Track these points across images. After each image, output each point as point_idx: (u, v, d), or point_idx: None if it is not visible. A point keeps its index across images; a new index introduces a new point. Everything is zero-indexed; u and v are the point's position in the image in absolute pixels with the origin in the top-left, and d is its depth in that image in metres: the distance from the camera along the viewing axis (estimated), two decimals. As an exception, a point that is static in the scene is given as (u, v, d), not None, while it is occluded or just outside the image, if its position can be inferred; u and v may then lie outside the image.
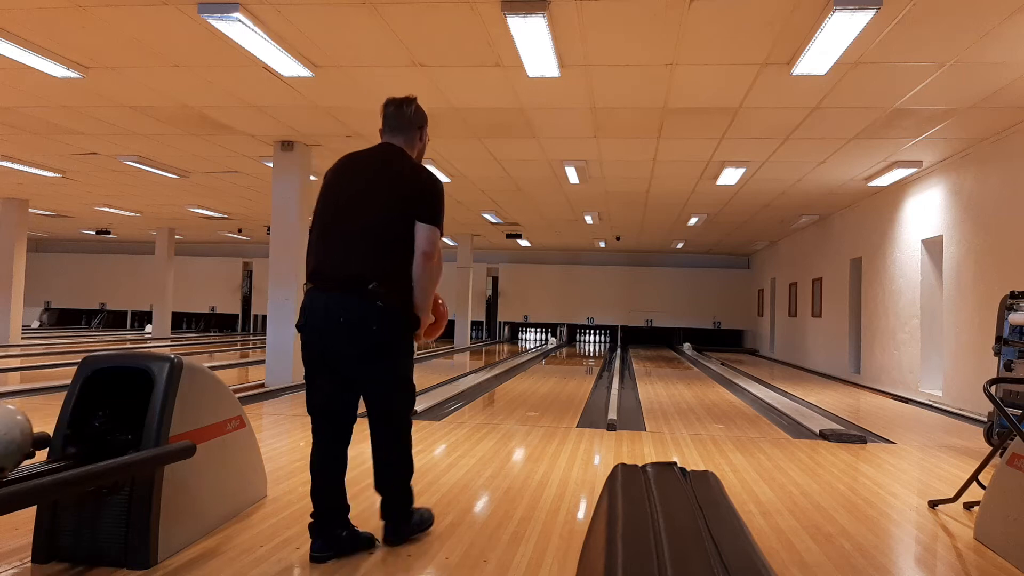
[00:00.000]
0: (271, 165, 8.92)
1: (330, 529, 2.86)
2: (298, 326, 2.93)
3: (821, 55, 5.18)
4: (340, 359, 2.87)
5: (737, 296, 21.52)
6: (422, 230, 2.89)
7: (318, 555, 2.80)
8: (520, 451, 5.11)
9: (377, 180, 2.96)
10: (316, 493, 2.90)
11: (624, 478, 3.50)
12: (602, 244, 19.03)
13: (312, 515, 2.88)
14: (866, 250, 11.35)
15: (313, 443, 2.97)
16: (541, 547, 3.02)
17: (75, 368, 2.88)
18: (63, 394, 2.86)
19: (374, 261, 2.85)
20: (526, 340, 22.37)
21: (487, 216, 14.40)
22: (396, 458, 2.99)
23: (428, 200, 2.94)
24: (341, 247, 2.89)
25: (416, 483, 3.95)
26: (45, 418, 5.88)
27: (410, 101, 3.15)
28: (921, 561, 3.13)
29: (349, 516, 2.93)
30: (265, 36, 5.12)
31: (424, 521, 3.19)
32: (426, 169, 3.06)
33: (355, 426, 2.97)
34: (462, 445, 5.21)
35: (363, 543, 2.93)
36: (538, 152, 8.69)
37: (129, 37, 5.36)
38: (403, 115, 3.12)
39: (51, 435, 2.74)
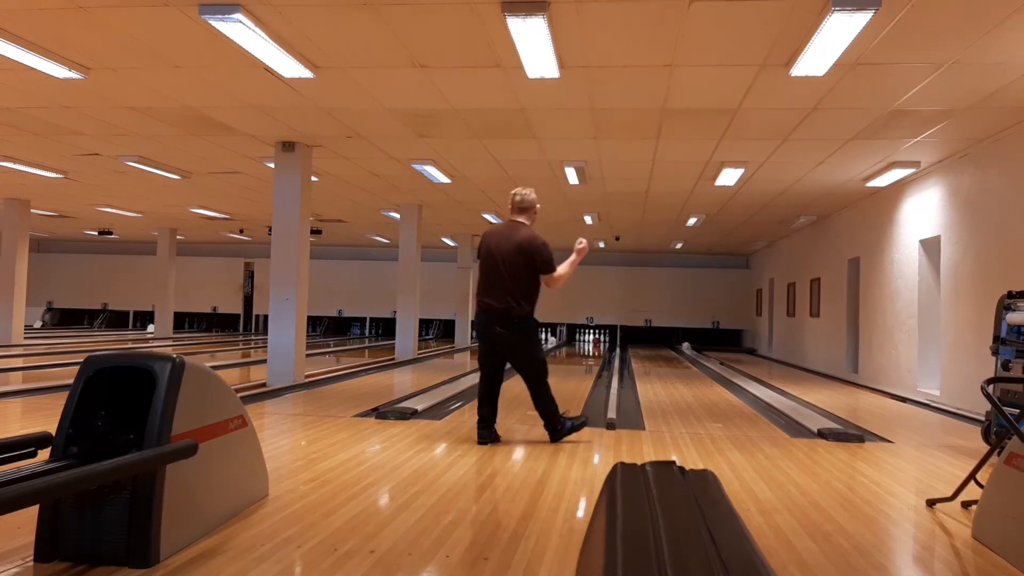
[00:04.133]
0: (272, 166, 8.94)
1: (485, 427, 5.26)
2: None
3: (820, 56, 5.19)
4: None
5: (736, 296, 21.53)
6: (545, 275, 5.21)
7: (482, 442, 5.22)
8: (520, 450, 5.12)
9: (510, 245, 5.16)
10: (479, 407, 5.32)
11: (623, 477, 3.52)
12: (602, 244, 19.05)
13: (478, 421, 5.30)
14: (864, 250, 11.37)
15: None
16: (541, 546, 3.03)
17: (77, 368, 2.90)
18: (65, 394, 2.87)
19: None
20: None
21: (487, 216, 14.41)
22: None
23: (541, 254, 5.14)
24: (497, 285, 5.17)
25: (416, 482, 4.05)
26: (47, 418, 5.94)
27: (530, 192, 5.33)
28: (919, 560, 3.15)
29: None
30: (266, 37, 5.14)
31: (576, 426, 5.39)
32: (538, 235, 5.19)
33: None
34: (462, 444, 5.23)
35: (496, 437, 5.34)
36: (538, 152, 8.70)
37: (130, 38, 5.38)
38: (525, 201, 5.29)
39: (53, 435, 2.76)
